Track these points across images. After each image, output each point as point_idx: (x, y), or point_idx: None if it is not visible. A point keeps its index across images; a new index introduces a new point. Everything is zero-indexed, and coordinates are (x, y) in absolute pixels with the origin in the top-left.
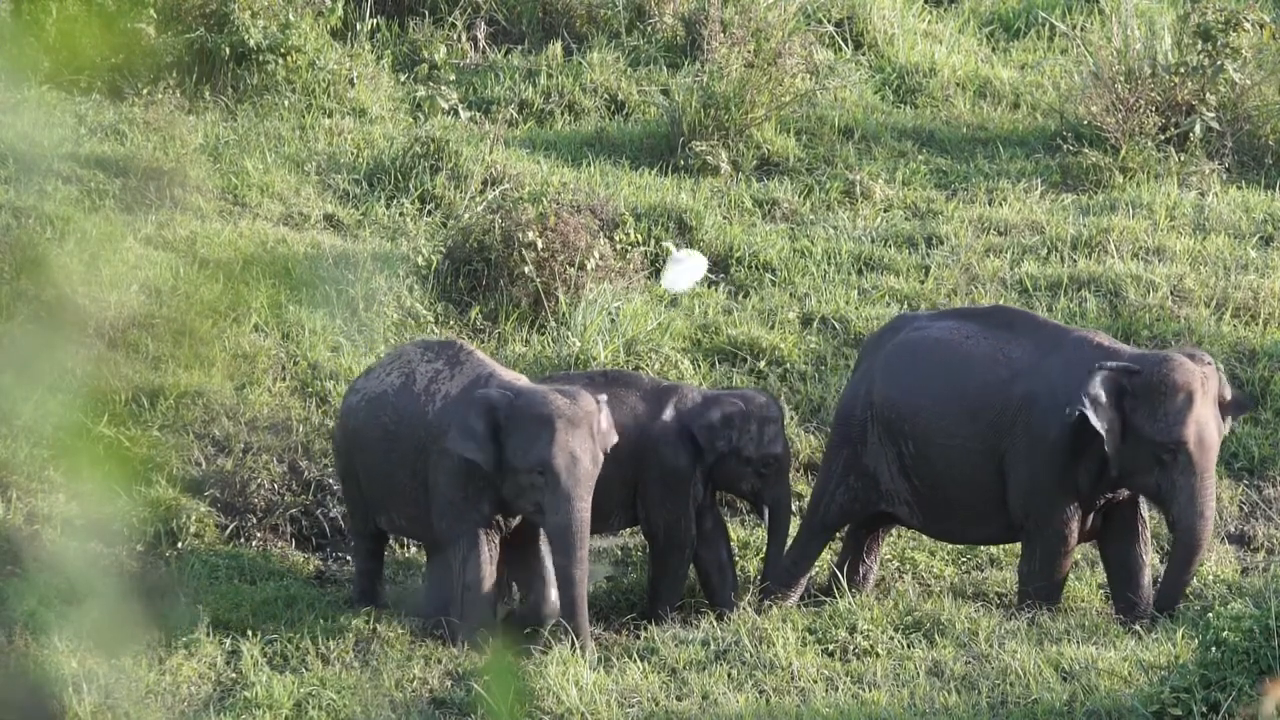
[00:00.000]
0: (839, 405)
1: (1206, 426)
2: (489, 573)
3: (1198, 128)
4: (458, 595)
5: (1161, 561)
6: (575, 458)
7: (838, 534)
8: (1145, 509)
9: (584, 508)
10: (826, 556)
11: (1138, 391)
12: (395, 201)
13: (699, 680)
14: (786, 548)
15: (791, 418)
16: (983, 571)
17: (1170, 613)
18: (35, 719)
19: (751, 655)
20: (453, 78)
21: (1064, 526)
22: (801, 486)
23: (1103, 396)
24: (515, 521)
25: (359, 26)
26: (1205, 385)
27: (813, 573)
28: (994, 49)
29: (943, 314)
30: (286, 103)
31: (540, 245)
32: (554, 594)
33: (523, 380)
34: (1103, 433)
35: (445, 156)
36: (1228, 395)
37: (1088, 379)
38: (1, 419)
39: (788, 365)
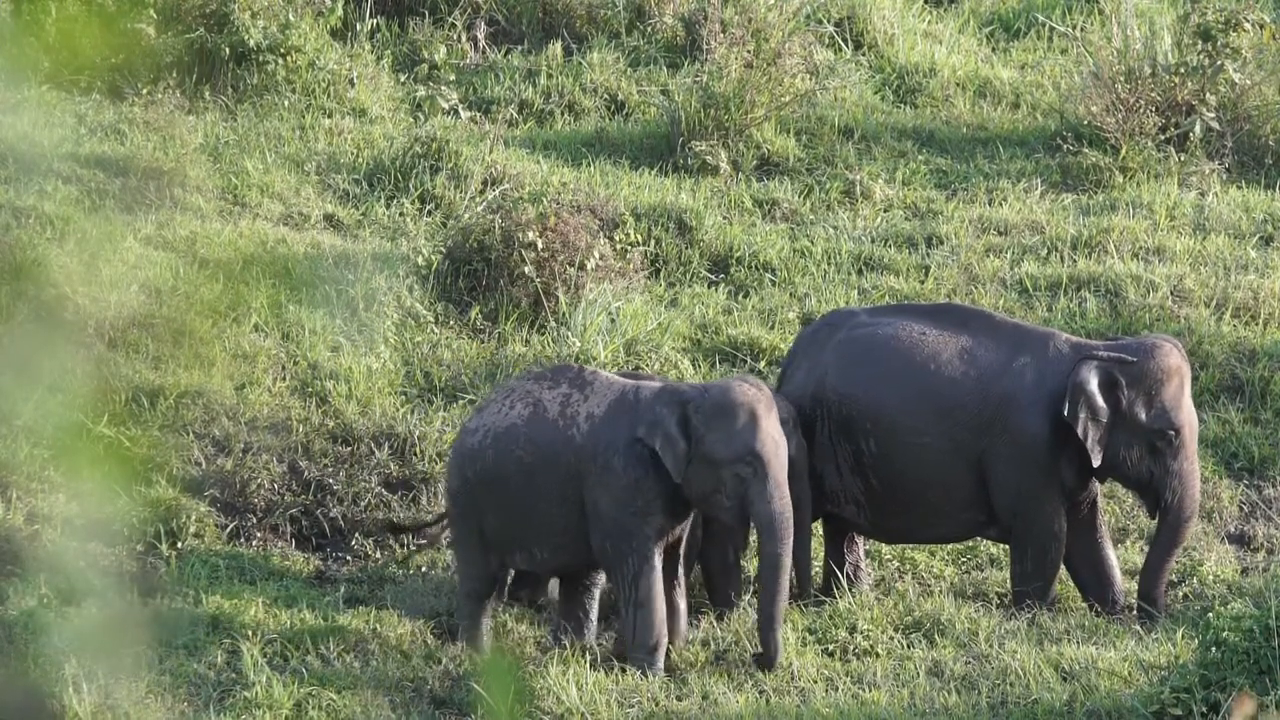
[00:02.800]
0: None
1: (1192, 411)
2: (661, 589)
3: (1198, 128)
4: (630, 615)
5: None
6: (778, 443)
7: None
8: (1102, 507)
9: (788, 493)
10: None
11: (1132, 380)
12: (395, 201)
13: (699, 680)
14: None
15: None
16: (983, 571)
17: (1153, 601)
18: (35, 719)
19: (752, 655)
20: (453, 78)
21: (1053, 524)
22: None
23: (1095, 386)
24: (675, 535)
25: (359, 26)
26: (1188, 370)
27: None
28: (994, 49)
29: (886, 309)
30: (286, 103)
31: (540, 245)
32: (685, 625)
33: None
34: (1088, 426)
35: (445, 156)
36: None
37: (1077, 370)
38: (2, 419)
39: None
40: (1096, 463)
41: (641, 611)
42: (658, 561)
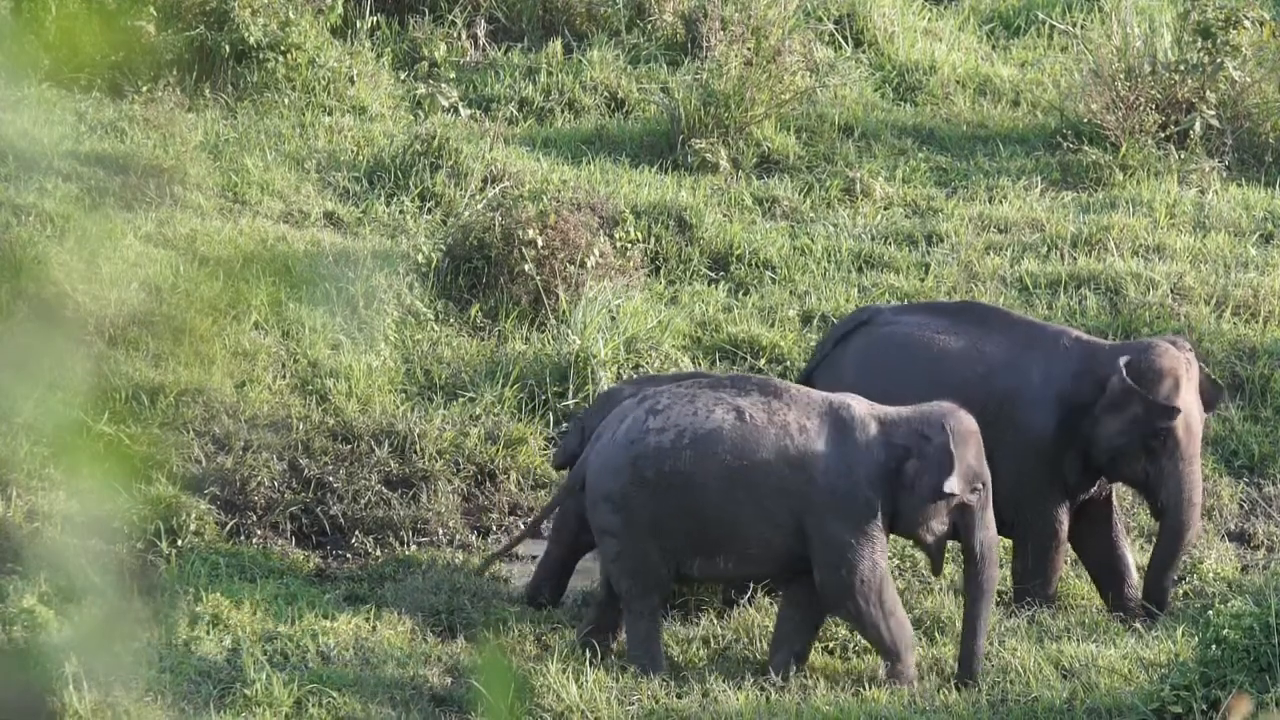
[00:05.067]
0: None
1: (1192, 412)
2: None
3: (1198, 125)
4: (883, 627)
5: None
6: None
7: None
8: (1117, 506)
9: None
10: None
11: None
12: (395, 199)
13: (699, 678)
14: None
15: None
16: None
17: (1160, 604)
18: (34, 717)
19: (752, 653)
20: (453, 75)
21: (1054, 521)
22: None
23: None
24: None
25: (359, 24)
26: (1189, 371)
27: None
28: (994, 47)
29: (910, 308)
30: (286, 100)
31: (540, 243)
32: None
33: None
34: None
35: (445, 154)
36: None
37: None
38: (2, 416)
39: (788, 363)
40: (1102, 461)
41: (894, 620)
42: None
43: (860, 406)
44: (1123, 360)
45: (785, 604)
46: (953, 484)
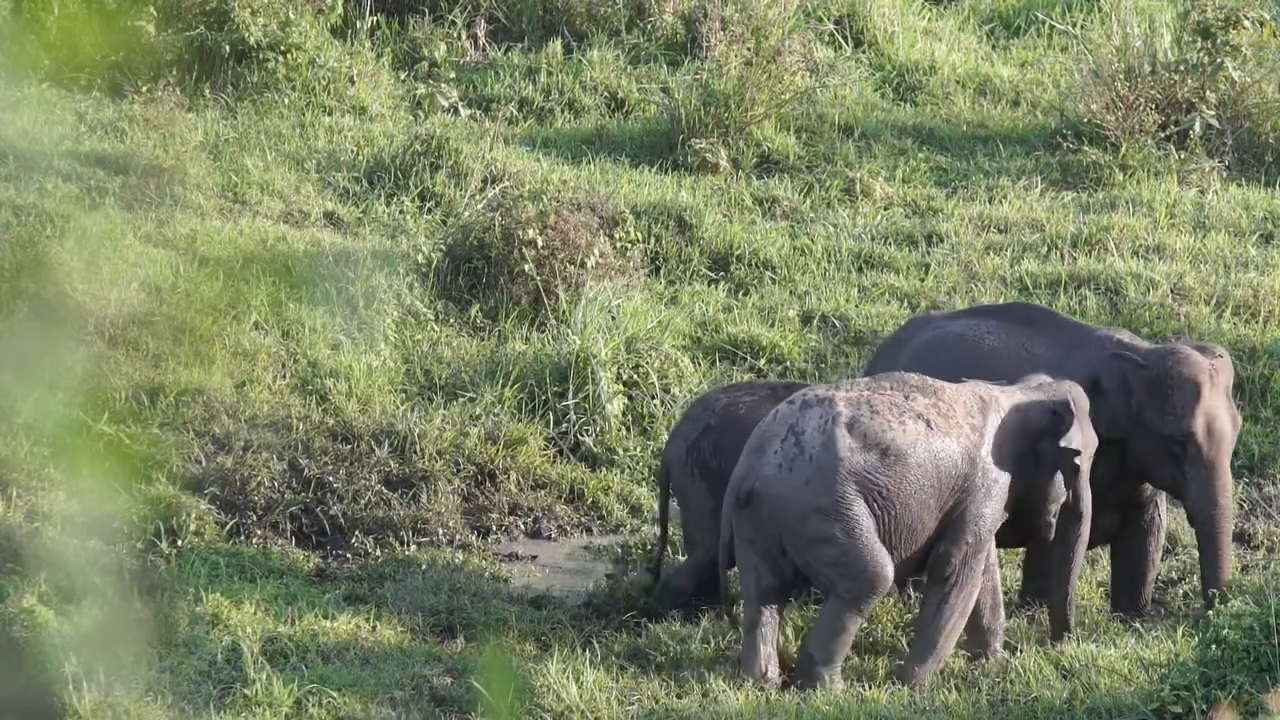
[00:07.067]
0: None
1: (1216, 418)
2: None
3: (1197, 125)
4: (947, 617)
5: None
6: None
7: None
8: (1163, 513)
9: None
10: None
11: (1144, 386)
12: (395, 199)
13: (699, 678)
14: None
15: None
16: None
17: (1222, 596)
18: (35, 717)
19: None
20: (453, 75)
21: (1084, 521)
22: None
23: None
24: None
25: (359, 24)
26: (1214, 377)
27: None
28: (994, 47)
29: (960, 313)
30: (286, 100)
31: (540, 243)
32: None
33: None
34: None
35: (445, 154)
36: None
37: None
38: (2, 416)
39: (788, 363)
40: (1133, 465)
41: (958, 621)
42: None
43: (995, 391)
44: (1140, 368)
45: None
46: (1081, 457)
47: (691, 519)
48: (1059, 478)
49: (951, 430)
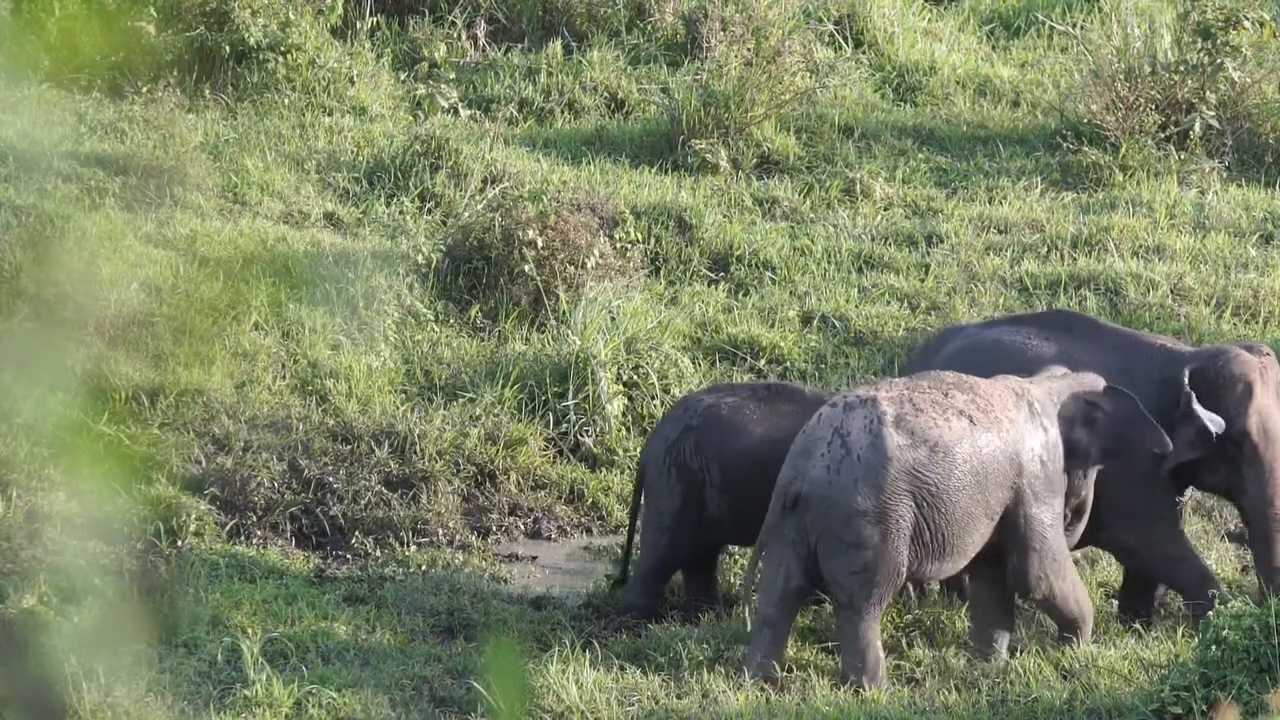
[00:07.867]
0: None
1: (1270, 417)
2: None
3: (1197, 126)
4: (1071, 599)
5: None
6: None
7: None
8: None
9: None
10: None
11: (1198, 388)
12: (395, 200)
13: (699, 679)
14: None
15: None
16: None
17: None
18: (36, 717)
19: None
20: (453, 76)
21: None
22: None
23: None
24: None
25: (359, 25)
26: (1264, 375)
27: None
28: (994, 47)
29: (994, 321)
30: (286, 101)
31: (540, 244)
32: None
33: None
34: (1211, 427)
35: (445, 155)
36: None
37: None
38: (2, 417)
39: (788, 364)
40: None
41: (1080, 590)
42: None
43: (1031, 386)
44: (1188, 369)
45: (978, 591)
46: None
47: (652, 519)
48: (1090, 473)
49: (993, 425)
